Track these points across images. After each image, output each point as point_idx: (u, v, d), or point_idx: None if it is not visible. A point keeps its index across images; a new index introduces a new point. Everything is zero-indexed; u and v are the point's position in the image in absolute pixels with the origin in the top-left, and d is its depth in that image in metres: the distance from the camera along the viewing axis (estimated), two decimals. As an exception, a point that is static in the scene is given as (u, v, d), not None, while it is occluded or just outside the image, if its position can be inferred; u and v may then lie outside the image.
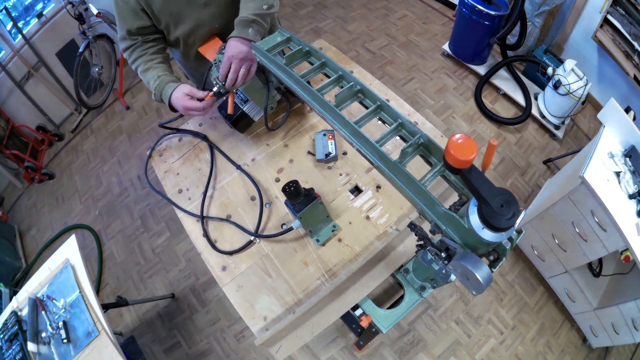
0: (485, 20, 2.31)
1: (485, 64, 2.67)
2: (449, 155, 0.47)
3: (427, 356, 1.75)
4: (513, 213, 0.46)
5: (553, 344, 1.81)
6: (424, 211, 0.57)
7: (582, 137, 2.46)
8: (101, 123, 2.79)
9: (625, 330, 1.49)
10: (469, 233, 0.50)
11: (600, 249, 1.44)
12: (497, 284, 1.94)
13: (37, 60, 2.54)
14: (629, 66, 2.05)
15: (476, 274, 0.50)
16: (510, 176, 2.29)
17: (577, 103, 2.12)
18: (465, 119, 2.50)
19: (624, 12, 2.01)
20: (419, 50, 2.91)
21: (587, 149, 1.56)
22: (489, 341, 1.80)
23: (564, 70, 2.09)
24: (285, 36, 0.82)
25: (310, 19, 3.21)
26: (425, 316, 1.84)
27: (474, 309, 1.87)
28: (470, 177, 0.48)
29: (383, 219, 1.02)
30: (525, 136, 2.44)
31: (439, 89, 2.67)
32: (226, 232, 1.04)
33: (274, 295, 0.93)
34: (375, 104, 0.67)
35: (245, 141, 1.21)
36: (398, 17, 3.17)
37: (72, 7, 2.28)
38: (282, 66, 0.74)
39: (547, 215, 1.64)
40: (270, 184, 1.11)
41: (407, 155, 0.61)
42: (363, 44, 2.98)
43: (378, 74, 2.76)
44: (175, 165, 1.20)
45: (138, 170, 2.50)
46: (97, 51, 2.56)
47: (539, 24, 2.44)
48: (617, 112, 1.48)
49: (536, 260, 1.89)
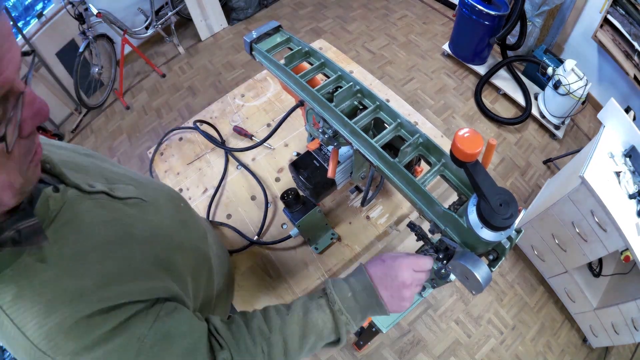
0: (485, 20, 2.31)
1: (485, 64, 2.67)
2: (455, 148, 0.48)
3: (427, 356, 1.75)
4: (511, 214, 0.47)
5: (553, 344, 1.81)
6: (423, 211, 0.57)
7: (582, 137, 2.46)
8: (101, 123, 2.79)
9: (625, 330, 1.49)
10: (468, 232, 0.50)
11: (600, 249, 1.44)
12: (497, 284, 1.94)
13: (37, 60, 2.54)
14: (629, 66, 2.05)
15: (475, 274, 0.50)
16: (510, 176, 2.29)
17: (577, 103, 2.12)
18: (465, 119, 2.50)
19: (624, 12, 2.01)
20: (419, 50, 2.91)
21: (587, 149, 1.56)
22: (489, 341, 1.80)
23: (564, 70, 2.10)
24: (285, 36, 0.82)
25: (310, 19, 3.21)
26: (425, 316, 1.84)
27: (474, 309, 1.87)
28: (474, 172, 0.49)
29: (383, 219, 1.02)
30: (525, 136, 2.44)
31: (439, 89, 2.67)
32: (226, 231, 1.04)
33: (274, 295, 0.93)
34: (375, 104, 0.67)
35: (246, 140, 1.21)
36: (398, 17, 3.17)
37: (72, 7, 2.28)
38: (281, 66, 0.74)
39: (547, 215, 1.64)
40: (271, 183, 1.11)
41: (406, 154, 0.61)
42: (363, 44, 2.98)
43: (378, 74, 2.76)
44: (176, 165, 1.20)
45: (138, 170, 2.50)
46: (97, 51, 2.55)
47: (539, 24, 2.44)
48: (617, 112, 1.48)
49: (536, 260, 1.89)
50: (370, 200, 0.98)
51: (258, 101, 1.31)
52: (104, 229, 0.46)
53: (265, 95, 1.32)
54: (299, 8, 3.32)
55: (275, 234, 1.02)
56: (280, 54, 0.79)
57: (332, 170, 0.79)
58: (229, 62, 2.95)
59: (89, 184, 0.49)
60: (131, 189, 0.55)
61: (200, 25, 3.05)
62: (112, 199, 0.51)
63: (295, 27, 3.14)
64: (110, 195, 0.50)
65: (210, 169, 1.16)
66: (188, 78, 2.89)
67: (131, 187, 0.56)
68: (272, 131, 0.81)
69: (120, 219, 0.50)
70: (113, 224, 0.48)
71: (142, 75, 2.97)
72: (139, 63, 3.01)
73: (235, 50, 3.01)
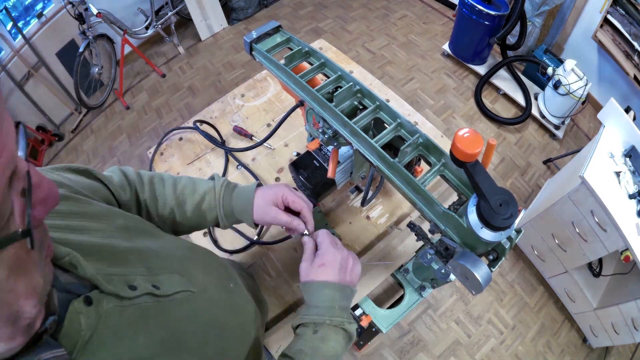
0: (485, 20, 2.31)
1: (485, 64, 2.67)
2: (455, 148, 0.49)
3: (427, 356, 1.75)
4: (511, 214, 0.47)
5: (553, 344, 1.81)
6: (423, 211, 0.57)
7: (582, 137, 2.46)
8: (101, 123, 2.79)
9: (625, 330, 1.49)
10: (467, 232, 0.50)
11: (600, 249, 1.44)
12: (497, 284, 1.94)
13: (37, 60, 2.54)
14: (629, 66, 2.05)
15: (475, 274, 0.50)
16: (510, 176, 2.29)
17: (577, 103, 2.12)
18: (465, 119, 2.50)
19: (624, 12, 2.01)
20: (419, 50, 2.91)
21: (587, 149, 1.56)
22: (489, 341, 1.80)
23: (564, 70, 2.10)
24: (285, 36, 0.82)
25: (310, 19, 3.21)
26: (425, 316, 1.84)
27: (474, 309, 1.87)
28: (474, 172, 0.49)
29: (383, 218, 1.02)
30: (525, 136, 2.44)
31: (439, 89, 2.67)
32: (227, 231, 1.04)
33: (274, 295, 0.93)
34: (375, 104, 0.67)
35: (246, 140, 1.21)
36: (398, 17, 3.17)
37: (72, 7, 2.28)
38: (281, 66, 0.74)
39: (547, 215, 1.64)
40: (271, 183, 1.10)
41: (406, 154, 0.61)
42: (363, 44, 2.98)
43: (378, 74, 2.76)
44: (176, 165, 1.20)
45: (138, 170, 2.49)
46: (97, 51, 2.56)
47: (539, 24, 2.44)
48: (617, 112, 1.48)
49: (536, 260, 1.89)
50: (370, 200, 0.98)
51: (258, 101, 1.31)
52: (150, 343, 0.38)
53: (265, 95, 1.32)
54: (299, 8, 3.32)
55: (275, 233, 1.02)
56: (280, 54, 0.79)
57: (332, 170, 0.79)
58: (229, 62, 2.95)
59: (129, 284, 0.39)
60: (177, 279, 0.46)
61: (200, 25, 3.05)
62: (158, 299, 0.42)
63: (295, 27, 3.14)
64: (155, 295, 0.41)
65: (210, 169, 1.16)
66: (188, 78, 2.89)
67: (176, 277, 0.46)
68: (272, 131, 0.81)
69: (168, 326, 0.41)
70: (160, 334, 0.40)
71: (142, 75, 2.97)
72: (139, 63, 3.01)
73: (235, 50, 3.01)
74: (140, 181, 0.66)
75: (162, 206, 0.66)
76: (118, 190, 0.60)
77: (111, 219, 0.48)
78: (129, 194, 0.62)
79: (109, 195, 0.59)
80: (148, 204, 0.65)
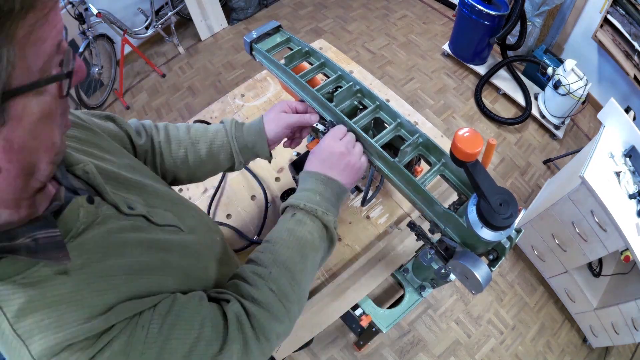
0: (485, 20, 2.31)
1: (485, 64, 2.67)
2: (455, 148, 0.49)
3: (427, 356, 1.75)
4: (511, 213, 0.47)
5: (553, 344, 1.81)
6: (423, 210, 0.57)
7: (582, 137, 2.46)
8: (101, 123, 2.79)
9: (625, 330, 1.49)
10: (467, 232, 0.50)
11: (600, 249, 1.44)
12: (497, 284, 1.94)
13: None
14: (629, 66, 2.05)
15: (475, 273, 0.50)
16: (510, 176, 2.29)
17: (577, 103, 2.12)
18: (465, 119, 2.50)
19: (624, 12, 2.01)
20: (419, 50, 2.91)
21: (587, 149, 1.56)
22: (489, 341, 1.80)
23: (564, 70, 2.10)
24: (285, 36, 0.82)
25: (310, 19, 3.21)
26: (425, 316, 1.84)
27: (474, 309, 1.87)
28: (474, 172, 0.49)
29: (383, 218, 1.02)
30: (525, 136, 2.44)
31: (439, 89, 2.67)
32: (226, 231, 1.04)
33: (273, 295, 0.93)
34: (375, 103, 0.67)
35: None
36: (398, 17, 3.17)
37: (72, 7, 2.28)
38: (281, 66, 0.74)
39: (547, 215, 1.64)
40: (271, 183, 1.11)
41: (406, 154, 0.61)
42: (363, 44, 2.98)
43: (378, 74, 2.76)
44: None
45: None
46: (97, 51, 2.55)
47: (539, 24, 2.44)
48: (617, 112, 1.48)
49: (536, 260, 1.89)
50: (370, 200, 0.98)
51: (258, 101, 1.31)
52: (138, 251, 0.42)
53: (265, 95, 1.32)
54: (299, 8, 3.32)
55: (275, 233, 1.02)
56: (280, 54, 0.79)
57: None
58: (229, 62, 2.95)
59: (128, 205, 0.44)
60: (169, 216, 0.51)
61: (200, 25, 3.05)
62: (150, 223, 0.47)
63: (295, 27, 3.14)
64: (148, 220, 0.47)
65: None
66: (188, 78, 2.89)
67: (170, 215, 0.51)
68: None
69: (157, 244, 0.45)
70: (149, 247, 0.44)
71: (142, 75, 2.97)
72: (139, 63, 3.01)
73: (235, 50, 3.01)
74: (155, 127, 0.71)
75: (175, 147, 0.69)
76: (134, 134, 0.65)
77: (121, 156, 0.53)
78: (145, 138, 0.67)
79: (125, 139, 0.63)
80: (162, 147, 0.68)
